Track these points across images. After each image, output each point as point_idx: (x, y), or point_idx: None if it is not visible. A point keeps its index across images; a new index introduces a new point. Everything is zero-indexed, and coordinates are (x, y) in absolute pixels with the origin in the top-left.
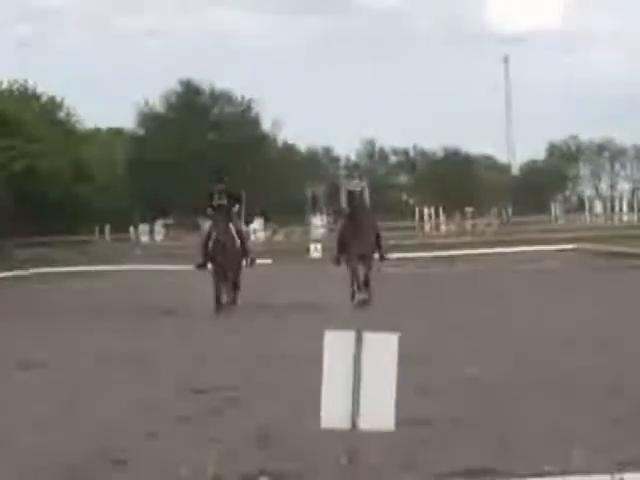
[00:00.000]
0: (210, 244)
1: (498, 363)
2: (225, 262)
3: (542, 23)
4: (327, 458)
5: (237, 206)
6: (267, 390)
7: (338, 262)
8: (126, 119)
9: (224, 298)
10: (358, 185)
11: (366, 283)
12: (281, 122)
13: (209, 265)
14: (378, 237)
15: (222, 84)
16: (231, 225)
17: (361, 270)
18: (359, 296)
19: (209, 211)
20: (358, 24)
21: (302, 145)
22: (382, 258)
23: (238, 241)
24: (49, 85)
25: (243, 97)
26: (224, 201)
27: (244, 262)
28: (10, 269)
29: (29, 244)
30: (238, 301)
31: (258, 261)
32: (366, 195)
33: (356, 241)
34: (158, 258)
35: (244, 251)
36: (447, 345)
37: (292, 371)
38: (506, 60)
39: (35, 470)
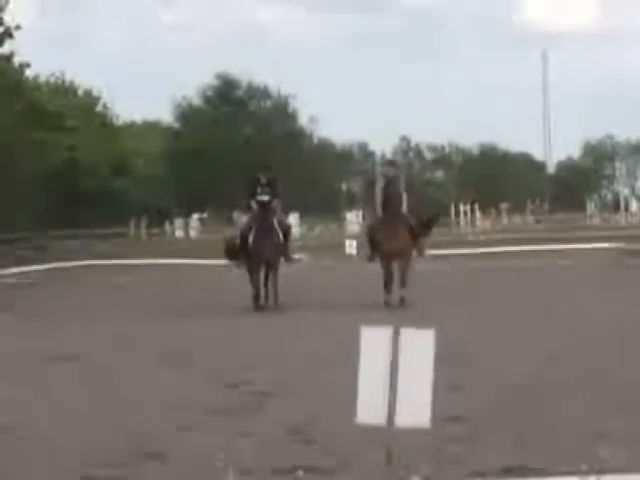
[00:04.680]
0: (250, 238)
1: (533, 361)
2: (266, 258)
3: (580, 21)
4: (362, 454)
5: (276, 201)
6: (302, 385)
7: (372, 259)
8: (162, 112)
9: (263, 296)
10: (394, 176)
11: (403, 282)
12: (317, 119)
13: (244, 261)
14: (414, 234)
15: (258, 79)
16: (275, 220)
17: (398, 269)
18: (395, 295)
19: (252, 204)
20: (394, 20)
21: (337, 140)
22: (420, 252)
23: (281, 237)
24: (85, 78)
25: (280, 92)
26: (267, 196)
27: (282, 259)
28: (48, 261)
29: (66, 236)
30: (279, 299)
31: (294, 256)
32: (401, 186)
33: (389, 238)
34: (193, 252)
35: (285, 247)
36: (482, 343)
37: (327, 367)
38: (544, 58)
39: (69, 461)
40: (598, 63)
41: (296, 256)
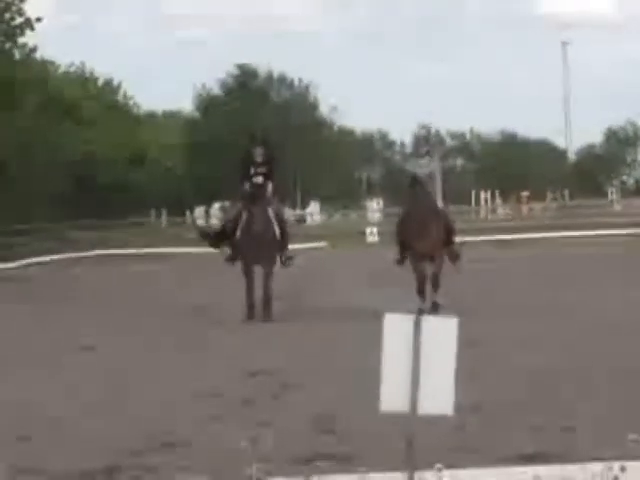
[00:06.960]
0: (238, 232)
1: (552, 349)
2: (257, 256)
3: (600, 7)
4: (385, 442)
5: (271, 185)
6: (325, 374)
7: (401, 262)
8: (182, 102)
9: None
10: (427, 165)
11: (435, 286)
12: (339, 109)
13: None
14: (450, 232)
15: (277, 68)
16: (270, 210)
17: (428, 270)
18: (428, 301)
19: (247, 187)
20: (413, 6)
21: (357, 128)
22: (453, 259)
23: (277, 231)
24: (103, 68)
25: (300, 81)
26: (263, 177)
27: (279, 258)
28: (67, 252)
29: (87, 227)
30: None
31: (314, 244)
32: (437, 179)
33: (420, 239)
34: None
35: (282, 244)
36: (500, 330)
37: (345, 358)
38: (565, 44)
39: (92, 453)
40: (618, 49)
41: (291, 255)
